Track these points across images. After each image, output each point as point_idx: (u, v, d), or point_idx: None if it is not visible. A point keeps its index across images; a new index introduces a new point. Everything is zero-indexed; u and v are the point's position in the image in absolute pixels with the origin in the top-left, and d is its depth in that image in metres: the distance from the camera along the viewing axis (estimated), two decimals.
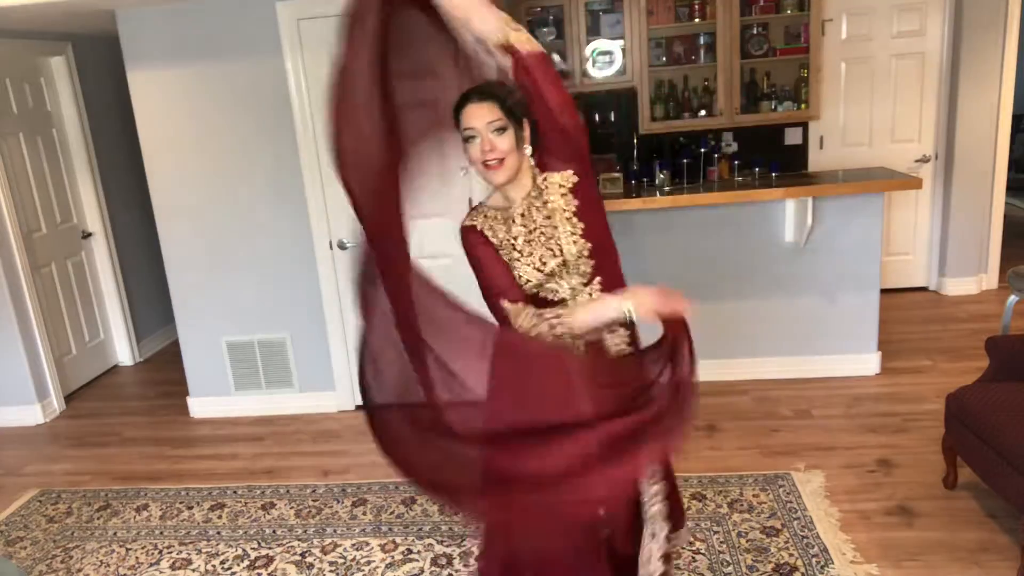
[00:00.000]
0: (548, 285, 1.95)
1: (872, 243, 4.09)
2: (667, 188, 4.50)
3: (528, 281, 1.92)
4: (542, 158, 1.94)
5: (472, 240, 1.96)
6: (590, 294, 1.95)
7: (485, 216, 1.98)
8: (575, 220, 1.93)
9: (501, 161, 1.88)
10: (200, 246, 4.28)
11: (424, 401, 1.84)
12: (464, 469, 1.82)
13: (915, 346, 4.53)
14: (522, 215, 1.94)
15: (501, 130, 1.87)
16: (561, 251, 1.92)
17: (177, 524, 3.35)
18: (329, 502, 3.42)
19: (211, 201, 4.21)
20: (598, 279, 1.96)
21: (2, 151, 4.50)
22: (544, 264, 1.92)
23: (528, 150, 1.93)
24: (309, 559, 3.01)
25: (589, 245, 1.93)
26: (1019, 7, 4.99)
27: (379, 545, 3.06)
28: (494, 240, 1.95)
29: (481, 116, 1.86)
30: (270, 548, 3.12)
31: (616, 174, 4.47)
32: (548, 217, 1.93)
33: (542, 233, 1.93)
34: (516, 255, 1.93)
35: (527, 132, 1.93)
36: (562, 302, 1.96)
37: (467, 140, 1.89)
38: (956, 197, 5.29)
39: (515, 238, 1.94)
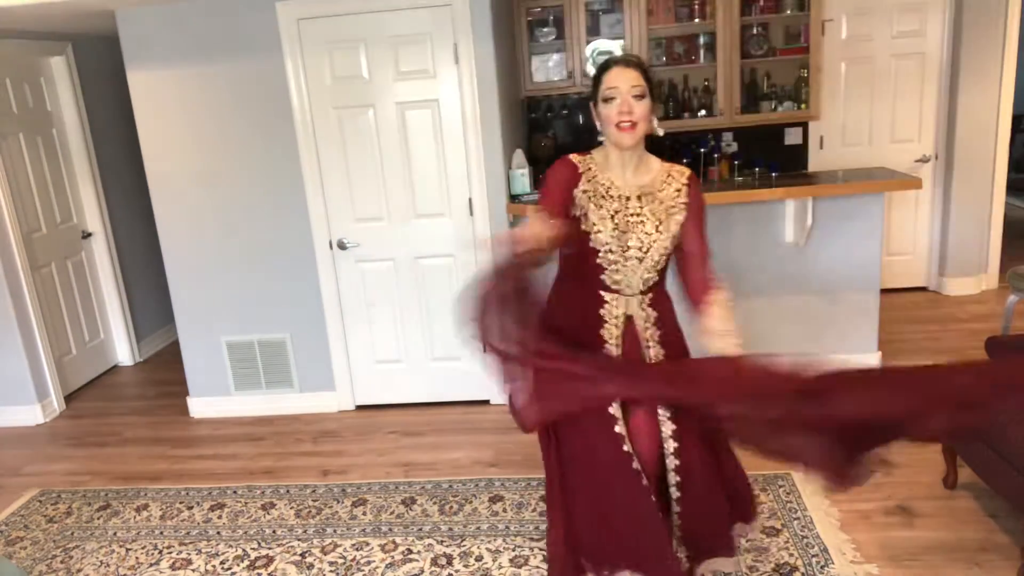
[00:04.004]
0: (611, 257, 2.04)
1: (872, 243, 4.09)
2: None
3: (599, 232, 2.03)
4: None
5: (557, 165, 2.09)
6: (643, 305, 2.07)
7: (591, 160, 2.10)
8: (668, 224, 2.04)
9: (634, 125, 1.99)
10: (200, 246, 4.28)
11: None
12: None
13: (915, 346, 4.53)
14: (627, 197, 2.06)
15: (640, 97, 1.99)
16: (641, 246, 2.04)
17: (177, 524, 3.35)
18: (329, 502, 3.42)
19: (211, 201, 4.21)
20: (649, 293, 2.08)
21: (2, 151, 4.50)
22: (613, 232, 2.04)
23: (658, 130, 2.06)
24: (309, 559, 3.01)
25: (664, 255, 2.05)
26: (1019, 7, 4.99)
27: (379, 545, 3.06)
28: (586, 183, 2.06)
29: (626, 79, 1.99)
30: (270, 548, 3.12)
31: None
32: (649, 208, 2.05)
33: (630, 217, 2.05)
34: (594, 207, 2.05)
35: (658, 111, 2.09)
36: (607, 283, 2.06)
37: (606, 100, 2.00)
38: (956, 197, 5.29)
39: (603, 194, 2.06)
